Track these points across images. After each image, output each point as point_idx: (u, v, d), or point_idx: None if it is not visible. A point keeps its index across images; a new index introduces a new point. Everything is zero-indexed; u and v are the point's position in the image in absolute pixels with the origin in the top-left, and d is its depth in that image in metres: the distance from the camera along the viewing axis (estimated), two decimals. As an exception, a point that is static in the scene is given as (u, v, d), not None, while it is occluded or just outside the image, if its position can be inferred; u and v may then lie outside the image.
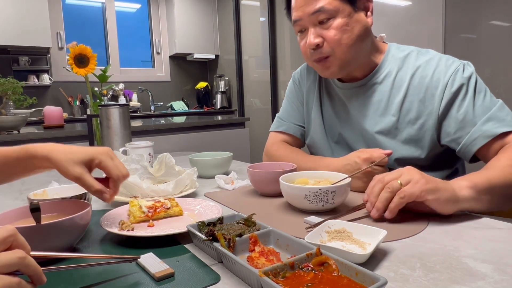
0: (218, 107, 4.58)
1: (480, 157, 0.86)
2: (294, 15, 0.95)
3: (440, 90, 0.89)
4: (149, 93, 4.51)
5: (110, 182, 0.66)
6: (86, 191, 0.81)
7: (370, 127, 0.98)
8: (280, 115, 1.22)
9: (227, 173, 1.11)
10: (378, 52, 1.00)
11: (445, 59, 0.93)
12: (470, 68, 0.90)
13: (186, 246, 0.62)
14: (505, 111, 0.85)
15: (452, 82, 0.88)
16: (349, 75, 1.01)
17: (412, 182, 0.67)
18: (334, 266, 0.46)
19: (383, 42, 1.04)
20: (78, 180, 0.62)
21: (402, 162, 0.93)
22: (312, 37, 0.92)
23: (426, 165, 0.93)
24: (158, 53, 4.75)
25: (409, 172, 0.69)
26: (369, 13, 0.94)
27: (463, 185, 0.70)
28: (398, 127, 0.94)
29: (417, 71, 0.94)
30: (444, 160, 0.96)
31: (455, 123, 0.87)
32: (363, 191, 0.89)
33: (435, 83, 0.90)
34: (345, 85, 1.03)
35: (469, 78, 0.88)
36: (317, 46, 0.92)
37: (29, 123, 2.99)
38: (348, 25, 0.90)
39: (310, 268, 0.47)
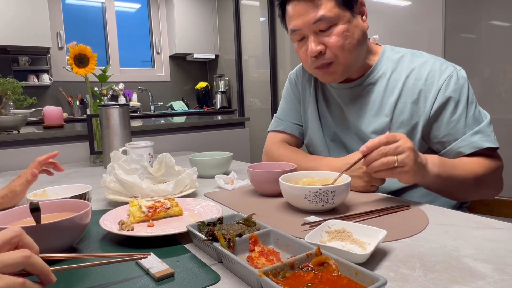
0: (218, 107, 4.57)
1: None
2: (293, 24, 0.93)
3: (434, 94, 0.91)
4: (149, 93, 4.51)
5: None
6: (86, 191, 0.81)
7: (364, 127, 0.99)
8: (278, 115, 1.22)
9: (227, 173, 1.11)
10: (372, 54, 1.01)
11: (439, 63, 0.94)
12: (463, 76, 0.93)
13: (186, 246, 0.62)
14: (491, 128, 0.91)
15: (446, 87, 0.90)
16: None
17: (406, 168, 0.74)
18: (334, 266, 0.46)
19: (377, 44, 1.05)
20: None
21: None
22: (313, 45, 0.91)
23: None
24: (158, 53, 4.75)
25: (407, 157, 0.74)
26: (364, 17, 0.95)
27: (434, 173, 0.81)
28: (391, 127, 0.95)
29: (411, 73, 0.95)
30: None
31: (445, 127, 0.91)
32: (363, 191, 0.89)
33: (429, 86, 0.92)
34: (340, 86, 1.03)
35: (463, 86, 0.91)
36: (319, 54, 0.92)
37: (29, 123, 2.98)
38: (348, 31, 0.90)
39: (310, 268, 0.47)
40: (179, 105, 4.61)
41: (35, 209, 0.58)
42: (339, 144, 1.07)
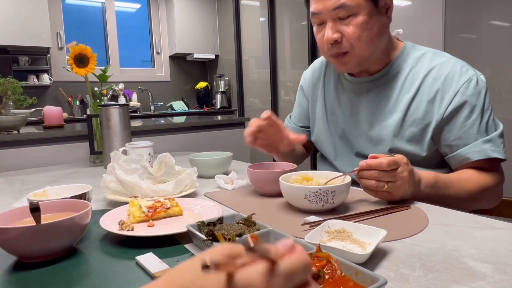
0: (218, 107, 4.57)
1: (463, 167, 0.92)
2: (314, 7, 0.92)
3: (451, 95, 0.89)
4: (149, 93, 4.51)
5: None
6: (86, 191, 0.81)
7: (376, 123, 0.98)
8: (289, 117, 1.29)
9: (227, 173, 1.11)
10: (393, 48, 1.00)
11: (460, 65, 0.93)
12: (483, 81, 0.91)
13: (186, 246, 0.62)
14: (502, 139, 0.91)
15: (465, 90, 0.89)
16: (361, 70, 1.00)
17: (393, 194, 0.76)
18: (335, 265, 0.46)
19: (398, 39, 1.03)
20: None
21: None
22: (330, 32, 0.90)
23: (424, 162, 0.94)
24: (158, 53, 4.75)
25: (397, 187, 0.75)
26: (389, 12, 0.94)
27: (424, 193, 0.82)
28: (403, 125, 0.94)
29: (431, 71, 0.93)
30: (442, 160, 0.97)
31: (457, 131, 0.89)
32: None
33: (447, 87, 0.90)
34: (356, 80, 1.02)
35: (481, 92, 0.89)
36: (335, 42, 0.91)
37: (29, 123, 2.98)
38: (368, 24, 0.89)
39: (310, 268, 0.47)
40: (179, 105, 4.61)
41: (35, 209, 0.58)
42: (346, 142, 1.06)
